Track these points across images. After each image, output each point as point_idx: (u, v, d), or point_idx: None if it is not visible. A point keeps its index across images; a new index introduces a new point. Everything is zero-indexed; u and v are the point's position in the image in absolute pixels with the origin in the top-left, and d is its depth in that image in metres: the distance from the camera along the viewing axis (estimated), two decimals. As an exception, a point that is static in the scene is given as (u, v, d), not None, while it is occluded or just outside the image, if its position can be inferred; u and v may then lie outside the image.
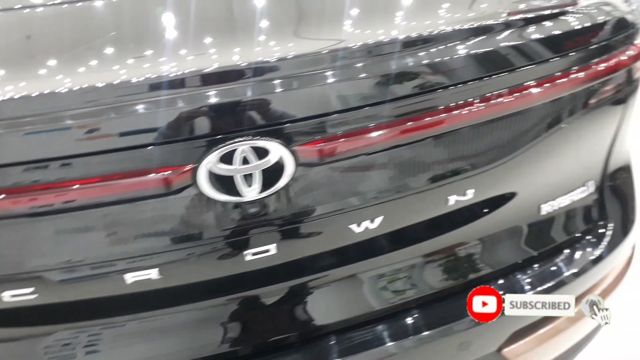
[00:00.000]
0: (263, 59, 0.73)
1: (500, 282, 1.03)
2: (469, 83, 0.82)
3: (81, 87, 0.68)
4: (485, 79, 0.83)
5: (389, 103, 0.78)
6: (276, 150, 0.73)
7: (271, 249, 0.84)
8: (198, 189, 0.74)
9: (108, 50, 0.77)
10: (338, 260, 0.93)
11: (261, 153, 0.73)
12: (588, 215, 1.14)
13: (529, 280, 1.04)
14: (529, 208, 1.05)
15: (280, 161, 0.74)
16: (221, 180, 0.73)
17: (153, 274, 0.81)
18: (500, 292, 0.97)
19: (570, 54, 0.90)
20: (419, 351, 0.94)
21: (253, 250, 0.83)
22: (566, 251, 1.10)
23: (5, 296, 0.78)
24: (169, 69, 0.71)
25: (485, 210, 1.00)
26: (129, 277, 0.80)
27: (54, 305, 0.82)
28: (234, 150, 0.72)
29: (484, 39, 0.83)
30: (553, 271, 1.06)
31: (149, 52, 0.77)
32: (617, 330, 1.81)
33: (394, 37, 0.79)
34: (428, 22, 0.83)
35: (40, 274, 0.79)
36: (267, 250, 0.84)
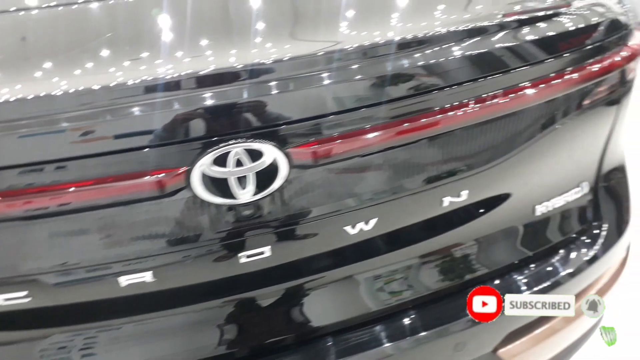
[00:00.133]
0: (255, 61, 0.73)
1: (496, 283, 1.03)
2: (463, 84, 0.82)
3: (74, 90, 0.68)
4: (480, 80, 0.83)
5: (383, 105, 0.78)
6: (270, 153, 0.73)
7: (266, 251, 0.84)
8: (192, 192, 0.73)
9: (101, 53, 0.77)
10: (333, 262, 0.93)
11: (255, 155, 0.73)
12: (583, 216, 1.15)
13: (524, 280, 1.04)
14: (524, 209, 1.05)
15: (274, 163, 0.74)
16: (215, 183, 0.73)
17: (148, 276, 0.81)
18: (497, 293, 0.98)
19: (564, 55, 0.90)
20: (414, 352, 0.94)
21: (248, 252, 0.83)
22: (561, 252, 1.10)
23: None
24: (161, 71, 0.71)
25: (479, 212, 1.00)
26: (124, 280, 0.80)
27: (49, 309, 0.82)
28: (227, 153, 0.72)
29: (478, 41, 0.83)
30: (548, 272, 1.07)
31: (142, 55, 0.77)
32: (617, 330, 1.81)
33: (389, 39, 0.78)
34: (424, 24, 0.83)
35: (35, 277, 0.78)
36: (262, 253, 0.84)
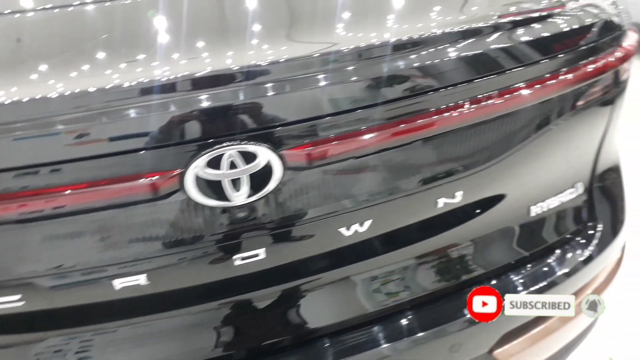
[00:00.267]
0: (247, 63, 0.73)
1: (492, 283, 1.03)
2: (458, 86, 0.82)
3: (68, 93, 0.68)
4: (475, 81, 0.83)
5: (377, 107, 0.78)
6: (264, 155, 0.73)
7: (261, 253, 0.84)
8: (186, 194, 0.73)
9: (95, 55, 0.76)
10: (329, 263, 0.93)
11: (249, 157, 0.73)
12: (577, 216, 1.15)
13: (520, 280, 1.04)
14: (518, 210, 1.06)
15: (268, 165, 0.74)
16: (209, 185, 0.73)
17: (143, 279, 0.80)
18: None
19: (558, 56, 0.90)
20: (410, 354, 0.94)
21: (243, 254, 0.83)
22: (557, 252, 1.10)
23: None
24: (152, 74, 0.71)
25: (474, 213, 1.00)
26: (119, 283, 0.80)
27: (44, 312, 0.82)
28: (221, 155, 0.71)
29: (473, 42, 0.83)
30: (544, 272, 1.07)
31: (133, 57, 0.76)
32: (617, 330, 1.81)
33: (384, 40, 0.78)
34: (419, 25, 0.83)
35: (30, 280, 0.78)
36: (257, 255, 0.84)
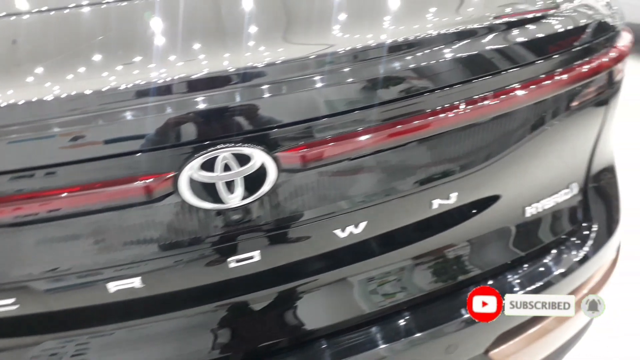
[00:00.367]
0: (242, 65, 0.72)
1: (489, 284, 1.04)
2: (453, 87, 0.82)
3: (63, 96, 0.68)
4: (470, 82, 0.84)
5: (372, 108, 0.78)
6: (258, 157, 0.73)
7: (256, 255, 0.84)
8: (180, 197, 0.73)
9: (91, 57, 0.76)
10: (325, 265, 0.93)
11: (243, 160, 0.73)
12: (573, 216, 1.15)
13: (517, 281, 1.05)
14: (514, 211, 1.06)
15: (263, 167, 0.74)
16: (203, 188, 0.73)
17: (139, 282, 0.80)
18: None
19: (553, 57, 0.91)
20: (406, 355, 0.94)
21: (238, 256, 0.83)
22: (552, 252, 1.11)
23: None
24: (146, 77, 0.70)
25: (469, 213, 1.00)
26: (114, 286, 0.80)
27: (39, 315, 0.82)
28: (215, 157, 0.71)
29: (468, 43, 0.83)
30: (540, 272, 1.07)
31: (130, 60, 0.76)
32: (616, 330, 1.81)
33: (380, 42, 0.78)
34: (415, 27, 0.83)
35: (25, 283, 0.78)
36: (253, 257, 0.84)
